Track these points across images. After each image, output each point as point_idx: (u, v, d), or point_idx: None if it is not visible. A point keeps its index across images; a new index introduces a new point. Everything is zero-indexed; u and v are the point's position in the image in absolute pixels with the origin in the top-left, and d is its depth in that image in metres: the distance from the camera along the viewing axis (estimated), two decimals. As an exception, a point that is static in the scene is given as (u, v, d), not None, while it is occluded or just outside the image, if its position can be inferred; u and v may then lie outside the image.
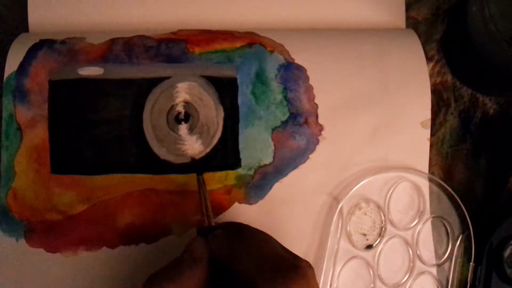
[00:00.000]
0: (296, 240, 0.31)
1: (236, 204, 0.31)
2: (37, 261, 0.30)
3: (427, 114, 0.33)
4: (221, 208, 0.31)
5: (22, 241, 0.30)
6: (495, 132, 0.35)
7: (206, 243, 0.25)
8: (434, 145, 0.34)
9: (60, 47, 0.32)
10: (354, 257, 0.32)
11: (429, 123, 0.33)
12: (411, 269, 0.32)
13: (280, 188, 0.31)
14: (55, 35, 0.32)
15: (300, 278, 0.22)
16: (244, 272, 0.23)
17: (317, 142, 0.32)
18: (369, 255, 0.32)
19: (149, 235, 0.31)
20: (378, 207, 0.32)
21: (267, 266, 0.22)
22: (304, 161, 0.32)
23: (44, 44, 0.32)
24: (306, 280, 0.22)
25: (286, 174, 0.32)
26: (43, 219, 0.30)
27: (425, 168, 0.33)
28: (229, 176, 0.31)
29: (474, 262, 0.32)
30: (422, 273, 0.32)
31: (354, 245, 0.32)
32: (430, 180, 0.33)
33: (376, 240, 0.32)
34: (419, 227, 0.33)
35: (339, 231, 0.32)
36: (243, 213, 0.31)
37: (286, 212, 0.31)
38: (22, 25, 0.34)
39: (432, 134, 0.34)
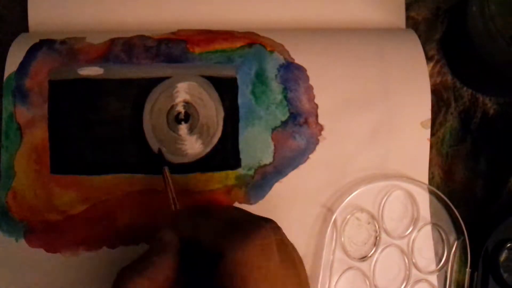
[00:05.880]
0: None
1: (236, 204, 0.31)
2: (37, 261, 0.30)
3: (427, 114, 0.33)
4: (221, 208, 0.31)
5: (22, 241, 0.30)
6: (495, 132, 0.35)
7: (173, 230, 0.25)
8: (434, 145, 0.34)
9: (60, 47, 0.32)
10: (349, 268, 0.32)
11: (429, 123, 0.33)
12: (407, 278, 0.32)
13: (280, 188, 0.31)
14: (55, 35, 0.32)
15: (259, 232, 0.22)
16: (207, 242, 0.23)
17: (317, 142, 0.32)
18: (365, 265, 0.32)
19: (148, 235, 0.31)
20: (372, 216, 0.32)
21: (227, 229, 0.23)
22: (304, 161, 0.32)
23: (44, 44, 0.32)
24: (266, 233, 0.22)
25: (286, 174, 0.32)
26: (43, 219, 0.30)
27: (425, 169, 0.33)
28: (229, 176, 0.31)
29: (470, 267, 0.32)
30: (419, 281, 0.32)
31: (349, 255, 0.32)
32: (420, 186, 0.33)
33: (371, 250, 0.32)
34: (413, 234, 0.33)
35: (333, 242, 0.32)
36: (243, 213, 0.31)
37: (286, 212, 0.31)
38: (22, 25, 0.34)
39: (432, 134, 0.34)
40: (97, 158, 0.31)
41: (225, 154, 0.31)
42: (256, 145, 0.31)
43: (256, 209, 0.31)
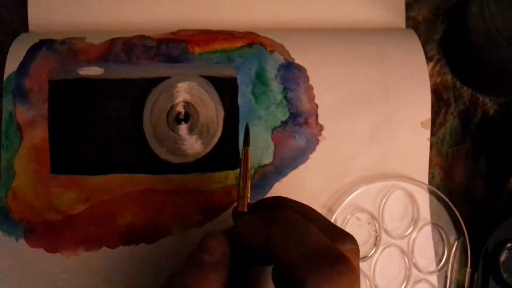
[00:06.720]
0: None
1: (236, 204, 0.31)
2: (37, 261, 0.30)
3: (427, 114, 0.33)
4: (221, 208, 0.31)
5: (22, 241, 0.30)
6: (495, 132, 0.35)
7: (227, 241, 0.22)
8: (434, 145, 0.34)
9: (60, 47, 0.32)
10: None
11: (429, 123, 0.33)
12: (407, 278, 0.32)
13: (280, 188, 0.31)
14: (55, 35, 0.32)
15: (348, 270, 0.20)
16: (285, 260, 0.20)
17: (317, 142, 0.32)
18: (365, 265, 0.32)
19: (148, 235, 0.31)
20: (372, 216, 0.32)
21: (313, 255, 0.20)
22: (304, 161, 0.32)
23: (44, 44, 0.32)
24: (353, 272, 0.20)
25: (286, 174, 0.32)
26: (43, 219, 0.30)
27: (425, 169, 0.33)
28: (229, 176, 0.31)
29: (470, 267, 0.32)
30: (419, 281, 0.32)
31: None
32: (420, 186, 0.33)
33: (372, 250, 0.32)
34: (414, 234, 0.33)
35: None
36: (243, 213, 0.31)
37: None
38: (22, 25, 0.34)
39: (432, 134, 0.34)
40: (97, 158, 0.31)
41: (225, 154, 0.31)
42: (256, 145, 0.31)
43: (256, 209, 0.31)
